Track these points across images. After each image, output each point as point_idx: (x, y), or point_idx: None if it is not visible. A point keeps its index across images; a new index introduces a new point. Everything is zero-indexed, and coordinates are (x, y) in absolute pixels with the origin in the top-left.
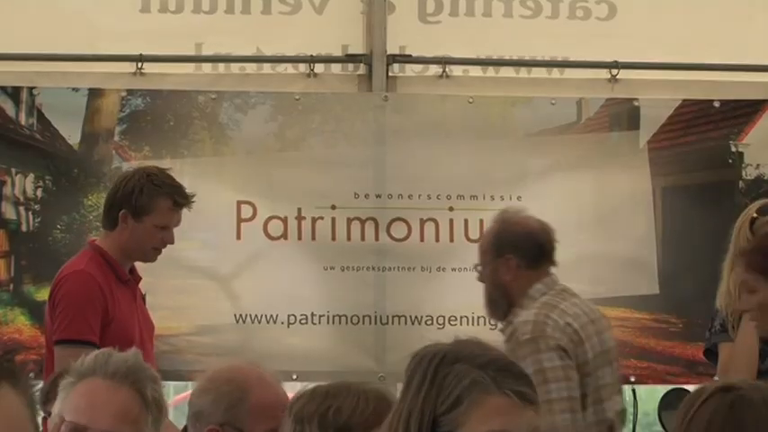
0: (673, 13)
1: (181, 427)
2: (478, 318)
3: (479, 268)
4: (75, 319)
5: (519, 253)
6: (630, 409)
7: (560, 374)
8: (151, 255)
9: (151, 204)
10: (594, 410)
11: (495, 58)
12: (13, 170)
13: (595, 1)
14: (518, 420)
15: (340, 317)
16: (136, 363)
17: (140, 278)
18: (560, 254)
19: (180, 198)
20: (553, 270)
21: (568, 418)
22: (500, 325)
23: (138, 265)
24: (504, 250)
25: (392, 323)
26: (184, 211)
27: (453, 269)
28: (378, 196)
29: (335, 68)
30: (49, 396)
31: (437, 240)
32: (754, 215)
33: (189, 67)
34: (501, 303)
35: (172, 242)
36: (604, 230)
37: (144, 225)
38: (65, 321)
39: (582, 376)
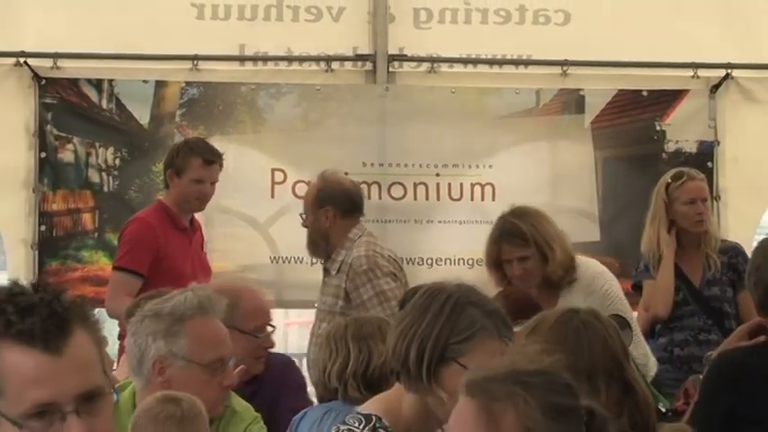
0: (613, 22)
1: None
2: (459, 259)
3: (304, 216)
4: (129, 253)
5: (335, 205)
6: None
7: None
8: (196, 205)
9: (186, 163)
10: None
11: (473, 56)
12: (97, 144)
13: (554, 10)
14: None
15: None
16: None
17: (198, 228)
18: None
19: (208, 156)
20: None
21: None
22: (321, 263)
23: (198, 217)
24: (324, 203)
25: None
26: (232, 175)
27: (439, 221)
28: (380, 165)
29: (347, 65)
30: (131, 313)
31: (427, 199)
32: (669, 180)
33: (234, 64)
34: (321, 245)
35: (210, 194)
36: (557, 191)
37: (184, 181)
38: (121, 253)
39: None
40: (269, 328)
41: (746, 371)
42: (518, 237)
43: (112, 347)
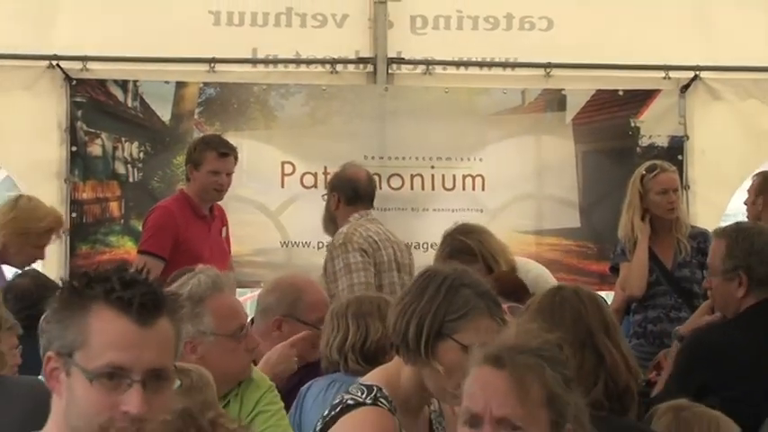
0: (592, 28)
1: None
2: None
3: (325, 197)
4: (152, 238)
5: (340, 192)
6: None
7: (360, 266)
8: (214, 195)
9: (202, 157)
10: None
11: (464, 59)
12: (123, 139)
13: (538, 17)
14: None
15: None
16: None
17: (219, 217)
18: (511, 197)
19: (222, 149)
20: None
21: None
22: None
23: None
24: (333, 189)
25: None
26: (246, 168)
27: (434, 209)
28: (380, 158)
29: (350, 68)
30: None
31: (422, 189)
32: (644, 172)
33: (247, 66)
34: (330, 224)
35: (226, 184)
36: (541, 181)
37: (202, 173)
38: (144, 238)
39: (378, 272)
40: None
41: (717, 348)
42: (467, 253)
43: None
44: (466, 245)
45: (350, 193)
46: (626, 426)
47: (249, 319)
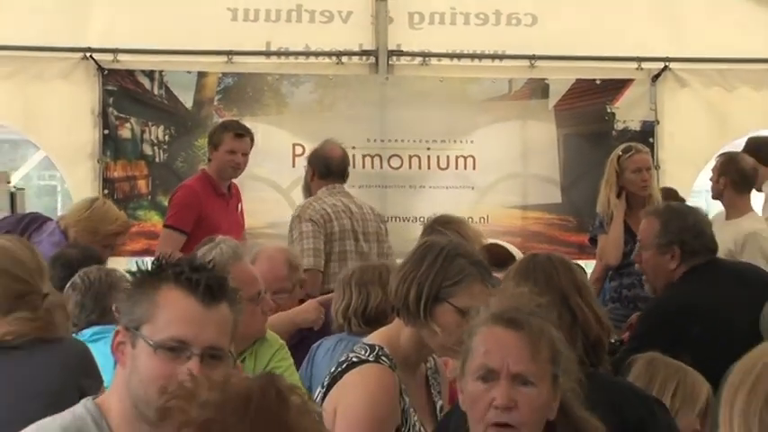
0: (572, 23)
1: None
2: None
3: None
4: (176, 214)
5: (314, 167)
6: None
7: (310, 235)
8: (231, 173)
9: (220, 138)
10: (339, 265)
11: (457, 52)
12: (150, 123)
13: (524, 13)
14: (487, 300)
15: None
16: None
17: (236, 195)
18: (499, 176)
19: (238, 130)
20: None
21: (311, 261)
22: None
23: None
24: (309, 163)
25: (390, 221)
26: (260, 149)
27: (430, 187)
28: (381, 140)
29: (354, 59)
30: None
31: (419, 169)
32: (620, 153)
33: (261, 58)
34: (306, 194)
35: (242, 164)
36: (526, 162)
37: (220, 152)
38: (170, 214)
39: (329, 241)
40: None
41: (683, 311)
42: None
43: None
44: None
45: (322, 169)
46: (600, 378)
47: None
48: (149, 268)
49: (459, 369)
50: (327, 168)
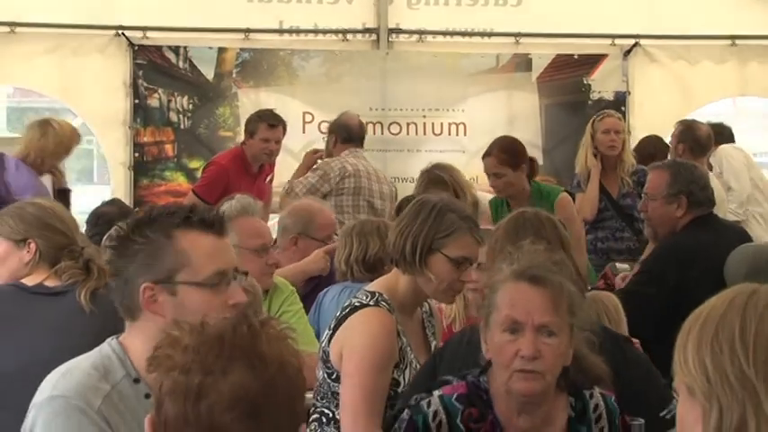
0: (553, 4)
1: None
2: None
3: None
4: (206, 186)
5: (337, 133)
6: None
7: (319, 186)
8: (264, 158)
9: (255, 127)
10: (352, 217)
11: (450, 30)
12: (175, 93)
13: None
14: (477, 252)
15: None
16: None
17: (266, 169)
18: (487, 141)
19: (271, 121)
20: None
21: (304, 192)
22: None
23: None
24: (332, 131)
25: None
26: None
27: (426, 150)
28: (382, 109)
29: (358, 36)
30: None
31: (416, 134)
32: (594, 117)
33: (275, 35)
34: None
35: (276, 150)
36: (512, 128)
37: (255, 140)
38: (200, 183)
39: (340, 194)
40: (335, 237)
41: (688, 249)
42: (440, 182)
43: None
44: (440, 177)
45: (344, 135)
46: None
47: (274, 239)
48: (148, 221)
49: (484, 322)
50: (349, 134)
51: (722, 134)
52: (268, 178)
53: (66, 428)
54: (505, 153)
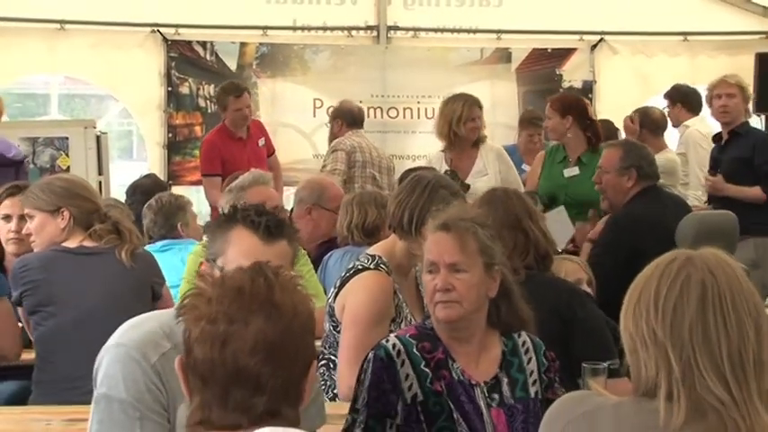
0: (530, 4)
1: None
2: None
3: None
4: (204, 163)
5: (342, 117)
6: None
7: (339, 158)
8: (242, 122)
9: (225, 101)
10: (361, 186)
11: (441, 27)
12: (203, 82)
13: None
14: None
15: None
16: (265, 173)
17: (253, 132)
18: None
19: (235, 92)
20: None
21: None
22: None
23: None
24: (336, 116)
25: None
26: (289, 103)
27: (420, 132)
28: (382, 96)
29: (362, 33)
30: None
31: (411, 118)
32: None
33: (289, 32)
34: (333, 141)
35: (248, 114)
36: (494, 113)
37: (229, 112)
38: (201, 165)
39: (352, 167)
40: None
41: (640, 218)
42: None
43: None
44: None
45: (349, 119)
46: (546, 279)
47: (289, 209)
48: (226, 212)
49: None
50: (353, 118)
51: (694, 98)
52: (260, 142)
53: (121, 373)
54: (559, 101)
